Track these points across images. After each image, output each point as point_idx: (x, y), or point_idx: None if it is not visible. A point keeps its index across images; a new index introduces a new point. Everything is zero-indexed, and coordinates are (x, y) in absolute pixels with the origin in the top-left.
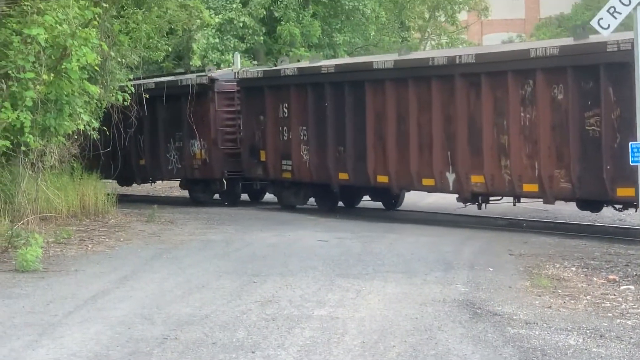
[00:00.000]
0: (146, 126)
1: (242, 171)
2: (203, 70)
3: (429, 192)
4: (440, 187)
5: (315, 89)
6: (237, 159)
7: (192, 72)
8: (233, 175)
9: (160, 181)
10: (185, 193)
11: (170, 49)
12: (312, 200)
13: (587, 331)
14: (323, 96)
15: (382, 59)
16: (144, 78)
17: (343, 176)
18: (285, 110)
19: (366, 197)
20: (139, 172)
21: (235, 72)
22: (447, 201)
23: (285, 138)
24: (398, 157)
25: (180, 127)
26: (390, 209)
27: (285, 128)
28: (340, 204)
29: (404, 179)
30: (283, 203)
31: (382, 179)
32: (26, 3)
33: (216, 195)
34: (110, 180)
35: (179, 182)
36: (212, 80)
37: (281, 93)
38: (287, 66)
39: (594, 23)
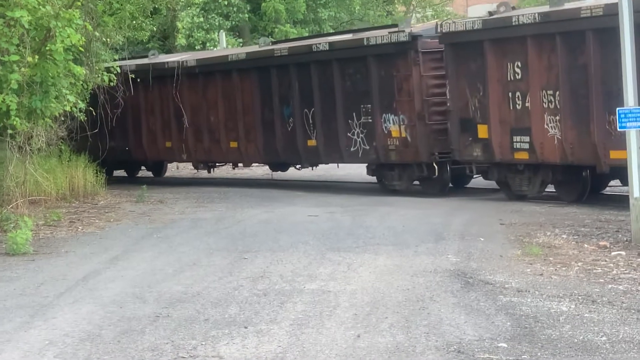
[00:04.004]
0: (317, 98)
1: (449, 152)
2: (192, 48)
3: None
4: None
5: (568, 39)
6: (447, 137)
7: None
8: (444, 158)
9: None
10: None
11: (155, 29)
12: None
13: (579, 297)
14: (582, 48)
15: None
16: (312, 37)
17: (617, 154)
18: (518, 70)
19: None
20: (307, 155)
21: (438, 25)
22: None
23: (519, 107)
24: None
25: (368, 98)
26: None
27: (517, 94)
28: None
29: None
30: (512, 192)
31: None
32: None
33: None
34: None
35: (365, 167)
36: (414, 37)
37: (511, 48)
38: (522, 12)
39: None
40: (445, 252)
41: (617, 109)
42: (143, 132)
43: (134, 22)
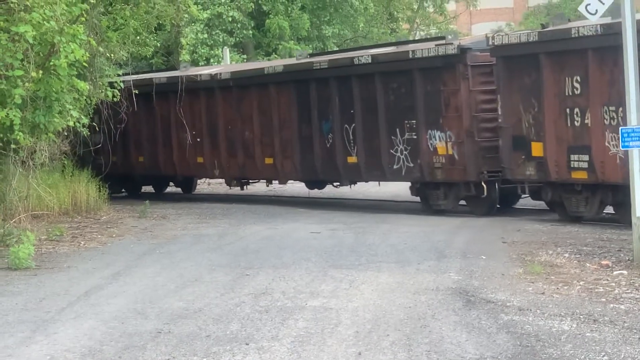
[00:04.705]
0: (358, 113)
1: (500, 170)
2: (190, 64)
3: None
4: None
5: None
6: (497, 155)
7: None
8: (493, 177)
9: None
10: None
11: (158, 45)
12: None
13: (581, 316)
14: None
15: None
16: (353, 49)
17: None
18: (577, 84)
19: None
20: (346, 172)
21: (489, 38)
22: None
23: (577, 124)
24: None
25: (413, 113)
26: None
27: (576, 110)
28: None
29: None
30: (567, 213)
31: None
32: (13, 0)
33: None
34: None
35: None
36: (463, 50)
37: (570, 61)
38: (581, 24)
39: (581, 9)
40: (447, 270)
41: (620, 128)
42: (173, 147)
43: (138, 37)
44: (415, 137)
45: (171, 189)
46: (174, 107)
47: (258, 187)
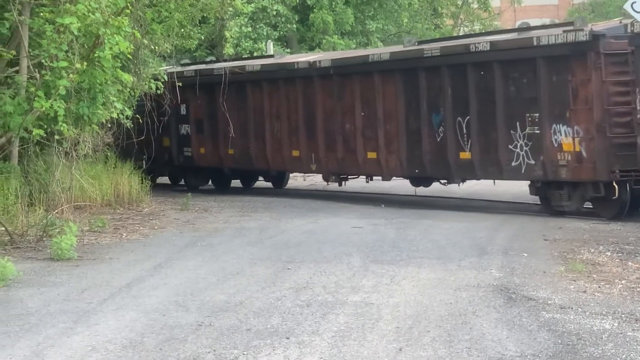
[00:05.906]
0: (473, 105)
1: (636, 170)
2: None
3: None
4: None
5: None
6: (631, 153)
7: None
8: (625, 176)
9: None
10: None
11: (202, 38)
12: None
13: (623, 315)
14: None
15: None
16: (468, 36)
17: None
18: None
19: None
20: (458, 169)
21: (627, 25)
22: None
23: None
24: None
25: (536, 106)
26: None
27: None
28: None
29: None
30: None
31: None
32: None
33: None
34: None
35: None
36: (596, 37)
37: None
38: None
39: (627, 7)
40: (489, 267)
41: None
42: (266, 139)
43: (182, 30)
44: (537, 131)
45: (260, 183)
46: (268, 96)
47: (299, 182)
